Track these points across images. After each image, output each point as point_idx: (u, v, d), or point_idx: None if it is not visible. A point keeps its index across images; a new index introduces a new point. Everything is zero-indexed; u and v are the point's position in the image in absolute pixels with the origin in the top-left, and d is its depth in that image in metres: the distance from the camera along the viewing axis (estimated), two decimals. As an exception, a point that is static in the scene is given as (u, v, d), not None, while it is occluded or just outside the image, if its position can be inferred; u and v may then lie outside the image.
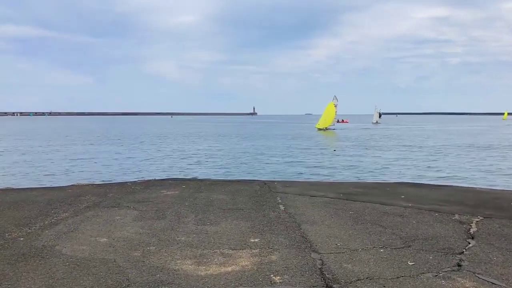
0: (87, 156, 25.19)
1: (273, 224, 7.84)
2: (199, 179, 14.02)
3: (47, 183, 15.15)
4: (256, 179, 14.86)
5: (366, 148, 29.99)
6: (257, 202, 9.97)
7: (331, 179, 15.37)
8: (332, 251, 6.25)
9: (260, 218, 8.28)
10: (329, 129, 61.26)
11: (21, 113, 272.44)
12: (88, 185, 12.87)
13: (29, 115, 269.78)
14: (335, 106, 60.94)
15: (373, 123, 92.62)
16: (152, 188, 12.12)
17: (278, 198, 10.39)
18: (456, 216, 8.50)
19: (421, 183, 13.66)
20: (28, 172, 18.29)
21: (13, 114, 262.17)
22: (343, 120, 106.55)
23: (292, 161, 22.03)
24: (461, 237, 7.03)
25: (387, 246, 6.48)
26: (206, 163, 21.63)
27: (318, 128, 61.72)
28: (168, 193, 11.25)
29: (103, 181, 15.14)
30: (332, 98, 61.65)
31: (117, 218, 8.36)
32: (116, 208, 9.27)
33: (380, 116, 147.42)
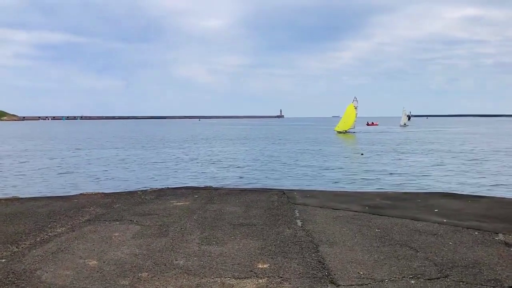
0: (114, 160, 24.78)
1: (287, 244, 6.89)
2: (214, 188, 13.17)
3: (68, 188, 14.70)
4: (274, 187, 13.93)
5: (394, 153, 28.56)
6: (272, 215, 9.03)
7: (357, 188, 14.27)
8: (354, 283, 5.26)
9: (273, 237, 7.35)
10: (349, 132, 58.23)
11: (54, 117, 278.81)
12: (96, 194, 12.21)
13: (62, 119, 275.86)
14: (356, 108, 57.89)
15: (401, 125, 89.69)
16: (162, 198, 11.35)
17: (296, 211, 9.42)
18: (500, 236, 7.34)
19: (456, 194, 12.39)
20: (48, 178, 17.90)
21: (44, 118, 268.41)
22: (373, 123, 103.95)
23: (315, 167, 20.96)
24: (509, 264, 5.91)
25: (419, 276, 5.45)
26: (226, 168, 20.81)
27: (337, 131, 58.71)
28: (178, 204, 10.44)
29: (114, 189, 14.53)
30: (352, 100, 58.83)
31: (116, 234, 7.57)
32: (118, 223, 8.50)
33: (409, 118, 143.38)
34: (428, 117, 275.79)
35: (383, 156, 26.22)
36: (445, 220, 8.47)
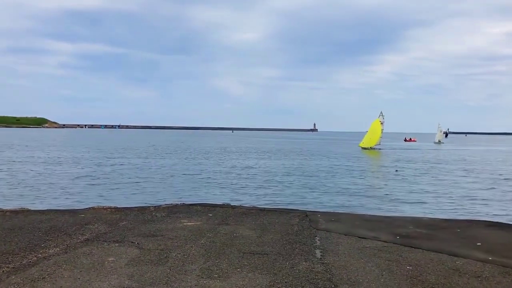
0: (146, 171, 24.37)
1: (301, 282, 5.88)
2: (231, 206, 12.26)
3: (87, 200, 14.20)
4: (297, 208, 12.90)
5: (428, 173, 26.90)
6: (289, 243, 8.03)
7: (388, 212, 13.04)
8: None
9: (285, 271, 6.35)
10: (374, 148, 54.83)
11: (92, 126, 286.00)
12: (106, 209, 11.51)
13: (101, 127, 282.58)
14: (382, 123, 54.82)
15: (435, 142, 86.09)
16: (174, 216, 10.52)
17: (317, 239, 8.37)
18: (561, 283, 6.08)
19: (503, 223, 10.98)
20: (72, 187, 17.54)
21: (82, 126, 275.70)
22: (410, 139, 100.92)
23: (344, 185, 19.74)
24: None
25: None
26: (251, 183, 19.90)
27: (362, 147, 55.36)
28: (188, 224, 9.58)
29: (129, 203, 13.90)
30: (378, 115, 55.82)
31: (110, 259, 6.76)
32: (117, 244, 7.70)
33: (446, 135, 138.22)
34: (467, 134, 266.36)
35: (417, 176, 24.67)
36: (490, 258, 7.23)
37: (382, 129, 55.28)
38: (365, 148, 54.64)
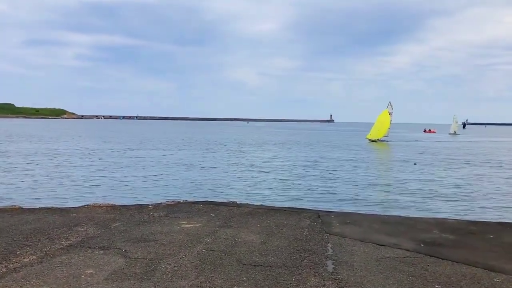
0: (160, 163, 23.63)
1: (307, 305, 4.90)
2: (237, 204, 11.29)
3: (89, 196, 13.48)
4: (309, 207, 11.88)
5: (442, 167, 25.52)
6: (297, 251, 7.04)
7: (408, 212, 11.92)
8: None
9: (290, 289, 5.37)
10: (382, 140, 51.77)
11: (110, 117, 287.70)
12: (101, 206, 10.67)
13: (120, 118, 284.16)
14: (390, 114, 52.17)
15: (450, 134, 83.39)
16: (172, 216, 9.61)
17: (329, 246, 7.36)
18: None
19: (540, 227, 9.79)
20: (78, 182, 16.86)
21: (98, 117, 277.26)
22: (430, 130, 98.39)
23: (360, 181, 18.63)
24: None
25: None
26: (261, 177, 18.93)
27: (369, 140, 51.90)
28: (187, 226, 8.65)
29: (130, 200, 13.11)
30: (386, 105, 53.25)
31: (88, 272, 5.87)
32: (102, 252, 6.82)
33: (464, 126, 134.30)
34: (487, 126, 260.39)
35: (435, 170, 23.36)
36: (534, 273, 6.13)
37: (391, 120, 52.81)
38: (372, 141, 51.47)
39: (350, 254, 6.93)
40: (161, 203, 11.34)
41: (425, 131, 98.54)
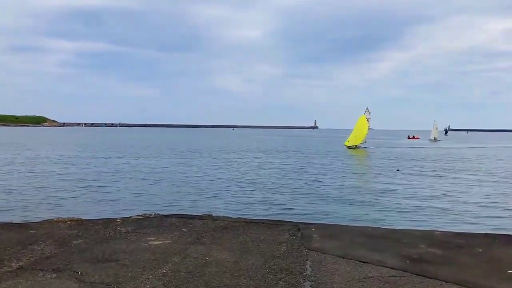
0: (139, 173, 22.78)
1: None
2: (213, 218, 10.62)
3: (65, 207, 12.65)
4: (290, 219, 11.29)
5: (423, 174, 25.25)
6: (273, 271, 6.43)
7: (393, 223, 11.40)
8: None
9: (262, 319, 4.75)
10: (359, 147, 50.82)
11: (92, 124, 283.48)
12: (65, 221, 9.90)
13: (102, 126, 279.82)
14: (368, 120, 50.96)
15: (430, 140, 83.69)
16: (140, 231, 8.91)
17: (308, 265, 6.77)
18: None
19: (529, 238, 9.35)
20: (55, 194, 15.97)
21: (80, 125, 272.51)
22: (414, 136, 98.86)
23: (344, 190, 18.13)
24: None
25: None
26: (241, 188, 18.29)
27: (347, 146, 50.90)
28: (155, 242, 7.98)
29: (99, 213, 12.35)
30: (364, 111, 51.96)
31: (34, 301, 5.16)
32: (54, 276, 6.11)
33: (446, 132, 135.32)
34: (469, 132, 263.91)
35: (417, 178, 23.03)
36: (528, 294, 5.63)
37: (369, 126, 51.70)
38: (350, 147, 50.47)
39: (331, 274, 6.35)
40: (130, 216, 10.60)
41: (409, 137, 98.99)
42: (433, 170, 26.50)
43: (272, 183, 19.78)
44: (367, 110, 52.01)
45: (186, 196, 15.84)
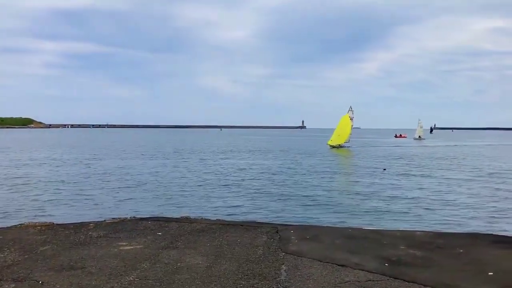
0: (125, 175, 22.31)
1: None
2: (190, 220, 10.31)
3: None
4: (269, 221, 11.04)
5: (405, 173, 25.21)
6: (246, 277, 6.15)
7: (376, 224, 11.19)
8: None
9: (228, 330, 4.47)
10: (343, 146, 50.42)
11: (79, 125, 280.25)
12: (36, 226, 9.50)
13: (89, 127, 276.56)
14: (351, 119, 50.52)
15: (415, 138, 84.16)
16: (112, 236, 8.56)
17: (283, 270, 6.50)
18: None
19: (510, 238, 9.19)
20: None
21: (64, 126, 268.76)
22: (401, 135, 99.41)
23: (327, 190, 17.94)
24: None
25: None
26: (223, 189, 18.00)
27: (330, 146, 50.27)
28: (126, 248, 7.64)
29: (73, 217, 11.96)
30: (347, 110, 51.60)
31: (-14, 314, 4.82)
32: (13, 286, 5.76)
33: (431, 131, 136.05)
34: (454, 130, 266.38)
35: (401, 177, 22.95)
36: (509, 297, 5.43)
37: (352, 125, 51.18)
38: (333, 147, 50.01)
39: (305, 279, 6.09)
40: (104, 220, 10.23)
41: (396, 136, 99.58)
42: (419, 168, 26.48)
43: (256, 184, 19.50)
44: (350, 109, 51.52)
45: (167, 198, 15.48)
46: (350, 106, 51.84)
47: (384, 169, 26.78)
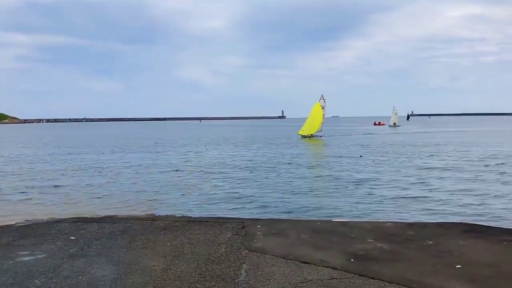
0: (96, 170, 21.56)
1: None
2: (153, 218, 9.84)
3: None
4: (237, 215, 10.67)
5: (380, 159, 25.15)
6: (203, 279, 5.78)
7: (347, 215, 10.91)
8: None
9: None
10: (315, 136, 48.52)
11: (56, 120, 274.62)
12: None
13: (67, 121, 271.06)
14: (323, 108, 48.86)
15: (390, 125, 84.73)
16: (16, 243, 7.62)
17: (244, 269, 6.15)
18: None
19: (480, 226, 9.00)
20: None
21: (38, 121, 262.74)
22: (379, 123, 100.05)
23: (299, 181, 17.66)
24: None
25: None
26: (199, 182, 17.55)
27: (301, 135, 48.47)
28: (25, 258, 6.71)
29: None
30: (319, 98, 49.68)
31: None
32: None
33: (408, 118, 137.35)
34: (430, 116, 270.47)
35: (376, 164, 22.85)
36: (476, 291, 5.19)
37: (324, 114, 49.47)
38: (305, 136, 48.13)
39: (266, 279, 5.75)
40: (16, 223, 9.38)
41: (375, 123, 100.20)
42: (391, 155, 26.42)
43: (231, 176, 19.09)
44: (322, 98, 49.89)
45: (136, 194, 14.95)
46: (322, 95, 50.02)
47: (361, 156, 26.80)
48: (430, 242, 7.46)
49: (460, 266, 6.17)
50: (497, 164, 21.30)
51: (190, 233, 8.28)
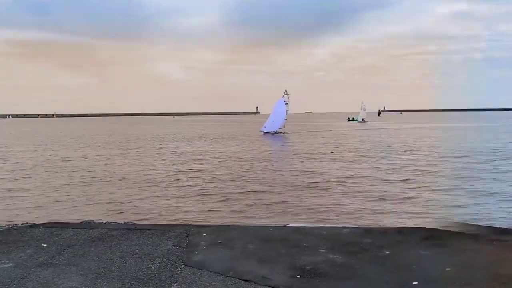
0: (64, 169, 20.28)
1: None
2: (89, 226, 8.93)
3: None
4: (184, 221, 9.88)
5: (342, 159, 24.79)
6: (122, 304, 4.96)
7: (298, 220, 10.20)
8: None
9: None
10: (277, 132, 47.27)
11: (25, 115, 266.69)
12: None
13: (36, 117, 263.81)
14: (286, 104, 47.71)
15: (359, 121, 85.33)
16: (-17, 251, 7.08)
17: (173, 290, 5.36)
18: None
19: (440, 231, 8.41)
20: None
21: (4, 117, 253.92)
22: (353, 118, 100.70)
23: (265, 180, 16.99)
24: None
25: None
26: (163, 182, 16.64)
27: (264, 132, 47.24)
28: (-10, 268, 6.21)
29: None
30: (282, 94, 48.51)
31: None
32: None
33: (379, 113, 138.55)
34: (402, 112, 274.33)
35: (347, 161, 22.41)
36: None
37: (287, 110, 48.25)
38: (267, 133, 46.75)
39: (196, 304, 4.97)
40: None
41: (348, 119, 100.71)
42: (354, 153, 26.05)
43: (185, 176, 18.25)
44: (285, 93, 48.48)
45: (96, 196, 13.91)
46: (286, 90, 48.52)
47: (332, 152, 26.50)
48: (388, 252, 6.83)
49: (416, 283, 5.54)
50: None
51: (126, 244, 7.43)
